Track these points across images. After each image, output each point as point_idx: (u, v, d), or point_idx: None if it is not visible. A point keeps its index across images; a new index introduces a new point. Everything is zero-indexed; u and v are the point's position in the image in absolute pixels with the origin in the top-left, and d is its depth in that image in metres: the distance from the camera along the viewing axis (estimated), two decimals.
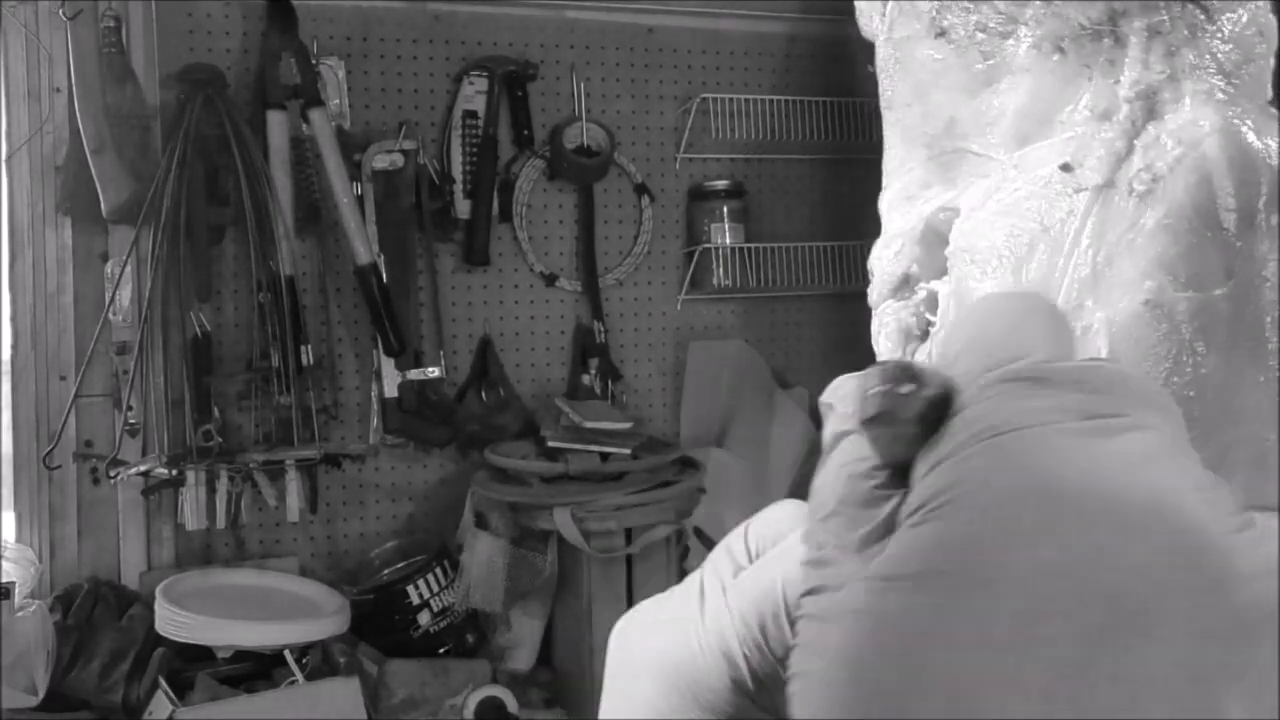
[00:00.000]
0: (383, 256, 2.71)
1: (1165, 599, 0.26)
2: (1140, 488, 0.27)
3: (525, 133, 2.92)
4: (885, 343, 0.44)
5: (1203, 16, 0.38)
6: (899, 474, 0.31)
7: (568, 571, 2.51)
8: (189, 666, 2.29)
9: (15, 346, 2.55)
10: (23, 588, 2.34)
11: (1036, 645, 0.26)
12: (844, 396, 0.34)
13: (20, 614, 2.27)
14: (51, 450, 2.47)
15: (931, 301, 0.42)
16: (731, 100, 2.99)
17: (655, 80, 3.09)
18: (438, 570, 2.59)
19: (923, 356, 0.42)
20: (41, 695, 2.24)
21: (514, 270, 2.96)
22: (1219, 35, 0.38)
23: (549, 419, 2.78)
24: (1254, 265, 0.35)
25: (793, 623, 0.33)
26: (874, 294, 0.44)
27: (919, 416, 0.30)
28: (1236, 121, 0.36)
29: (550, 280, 2.98)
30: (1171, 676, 0.26)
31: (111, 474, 2.43)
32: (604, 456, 2.56)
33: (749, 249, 3.02)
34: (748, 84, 3.13)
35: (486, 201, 2.86)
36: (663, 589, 0.39)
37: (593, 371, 2.98)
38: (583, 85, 2.99)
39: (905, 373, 0.30)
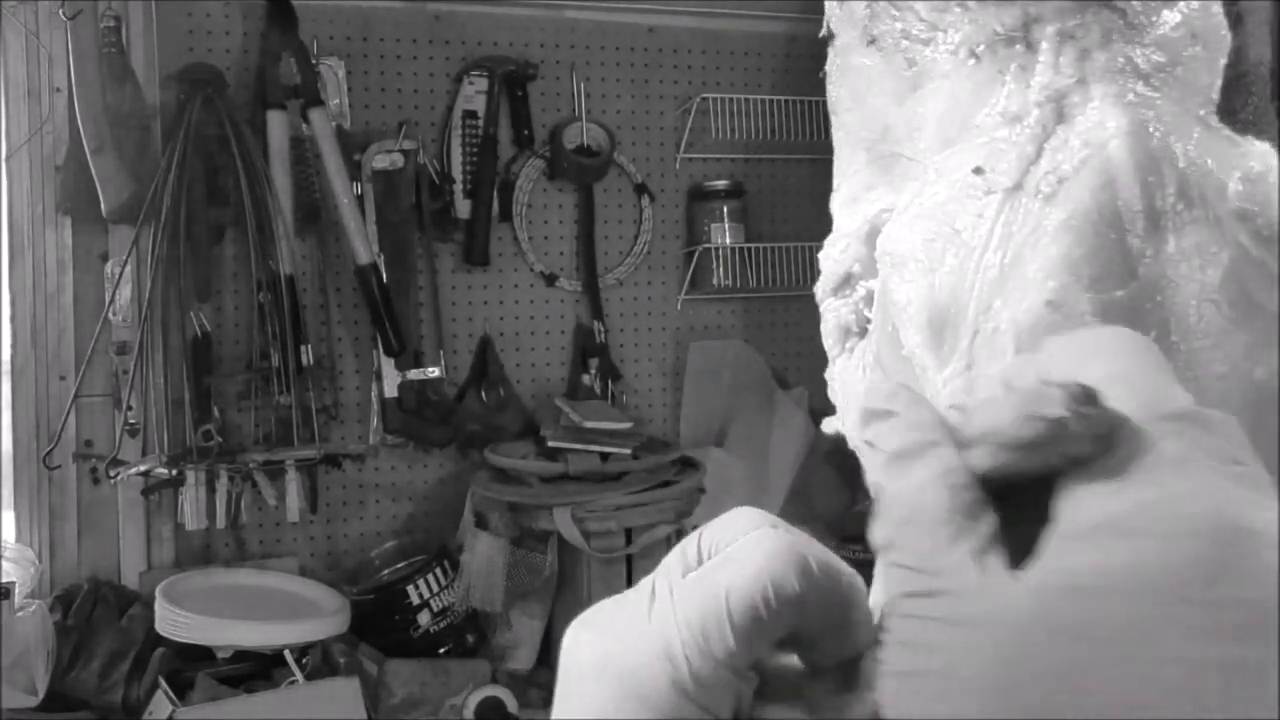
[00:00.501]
0: (383, 256, 2.71)
1: None
2: None
3: (525, 133, 2.92)
4: (828, 339, 0.44)
5: (1120, 21, 0.38)
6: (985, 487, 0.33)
7: (568, 571, 2.52)
8: (189, 666, 2.29)
9: (15, 346, 2.56)
10: (23, 588, 2.35)
11: (1228, 666, 0.27)
12: (908, 404, 0.35)
13: (20, 614, 2.28)
14: (51, 450, 2.48)
15: (870, 299, 0.43)
16: (731, 100, 2.99)
17: (655, 80, 3.09)
18: (438, 570, 2.59)
19: (861, 351, 0.43)
20: (41, 695, 2.25)
21: (514, 270, 2.96)
22: (1138, 39, 0.38)
23: (549, 419, 2.78)
24: (1158, 267, 0.35)
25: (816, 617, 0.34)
26: (819, 290, 0.45)
27: (1096, 438, 0.31)
28: (1145, 124, 0.36)
29: (550, 280, 2.98)
30: None
31: (111, 474, 2.44)
32: (604, 456, 2.56)
33: (749, 249, 3.02)
34: (748, 84, 3.13)
35: (486, 201, 2.86)
36: None
37: (593, 371, 2.98)
38: (583, 85, 2.99)
39: (1088, 396, 0.31)
